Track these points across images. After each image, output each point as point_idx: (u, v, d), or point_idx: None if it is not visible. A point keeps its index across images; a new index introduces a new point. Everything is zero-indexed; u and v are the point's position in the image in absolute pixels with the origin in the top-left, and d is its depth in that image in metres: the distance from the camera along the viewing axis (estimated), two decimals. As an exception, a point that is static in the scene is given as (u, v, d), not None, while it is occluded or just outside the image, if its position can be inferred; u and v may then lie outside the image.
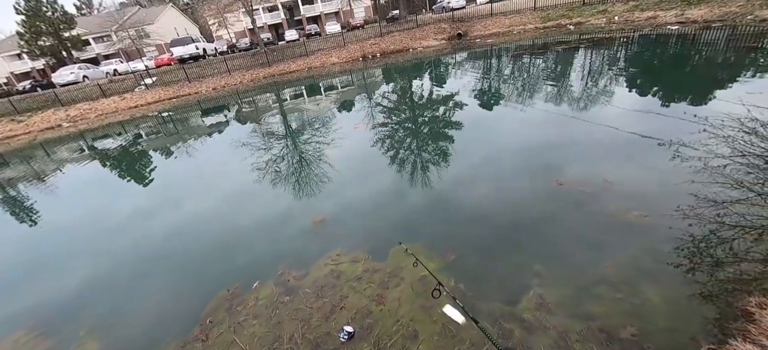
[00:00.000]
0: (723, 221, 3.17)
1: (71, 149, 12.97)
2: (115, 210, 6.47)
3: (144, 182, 8.01)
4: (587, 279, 2.84)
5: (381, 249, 3.70)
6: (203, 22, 47.57)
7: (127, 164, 9.77)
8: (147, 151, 10.65)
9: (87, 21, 43.04)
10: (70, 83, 24.78)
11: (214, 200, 5.95)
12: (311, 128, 9.59)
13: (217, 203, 5.84)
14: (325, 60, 23.89)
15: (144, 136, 12.93)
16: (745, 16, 10.71)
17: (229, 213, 5.38)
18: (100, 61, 35.86)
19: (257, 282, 3.58)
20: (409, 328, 2.71)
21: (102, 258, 4.82)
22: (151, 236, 5.17)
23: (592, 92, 7.98)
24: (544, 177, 4.52)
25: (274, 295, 3.35)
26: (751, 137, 4.47)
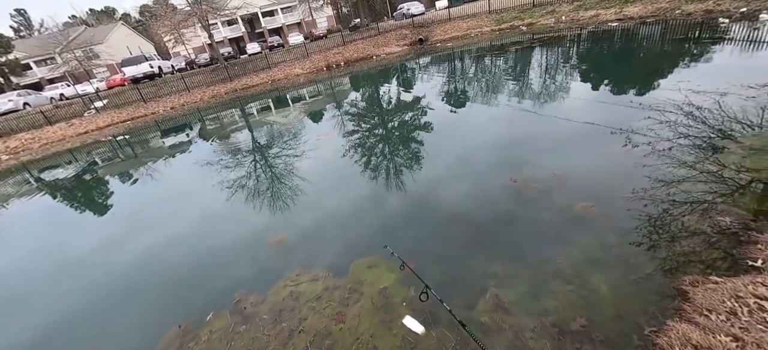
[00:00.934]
0: (673, 200, 3.37)
1: (15, 184, 11.82)
2: (68, 246, 5.93)
3: (100, 212, 7.41)
4: (541, 276, 2.90)
5: (341, 264, 3.61)
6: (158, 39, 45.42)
7: (82, 195, 9.02)
8: (102, 179, 9.90)
9: (26, 44, 39.88)
10: (9, 112, 22.70)
11: (175, 227, 5.60)
12: (280, 141, 9.35)
13: (178, 229, 5.50)
14: (288, 72, 23.53)
15: (99, 163, 12.02)
16: (674, 11, 11.72)
17: (188, 240, 5.07)
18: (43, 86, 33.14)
19: (211, 314, 3.37)
20: (369, 345, 2.64)
21: (50, 300, 4.37)
22: (106, 272, 4.74)
23: (550, 88, 8.36)
24: (502, 176, 4.64)
25: (230, 326, 3.17)
26: (688, 119, 4.85)
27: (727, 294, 2.21)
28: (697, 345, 1.96)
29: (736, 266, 2.51)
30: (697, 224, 3.01)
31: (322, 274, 3.52)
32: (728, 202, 3.15)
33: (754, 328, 1.94)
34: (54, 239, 6.42)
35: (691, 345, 1.97)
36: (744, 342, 1.87)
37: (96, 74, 38.33)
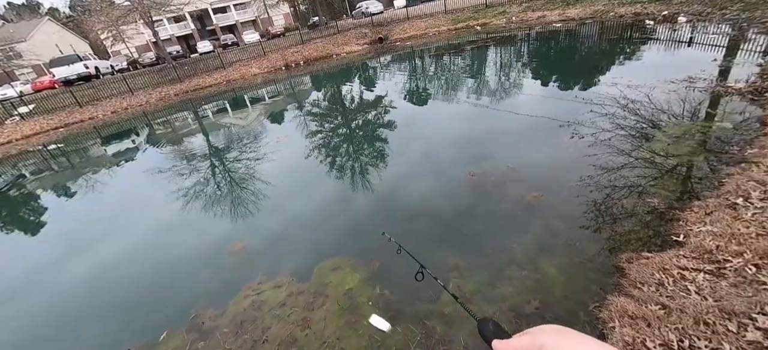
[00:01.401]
0: (614, 185, 3.69)
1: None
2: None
3: (32, 232, 6.59)
4: (498, 264, 3.05)
5: (305, 269, 3.53)
6: (94, 36, 41.23)
7: (7, 214, 7.93)
8: (33, 194, 8.80)
9: (-75, 42, 34.32)
10: None
11: (124, 242, 5.12)
12: (239, 144, 8.94)
13: (127, 244, 5.03)
14: (244, 71, 22.52)
15: (27, 176, 10.66)
16: (608, 13, 12.86)
17: (140, 255, 4.67)
18: (-50, 91, 28.66)
19: (165, 333, 3.14)
20: (336, 348, 2.62)
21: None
22: (45, 297, 4.23)
23: (506, 85, 8.82)
24: (462, 171, 4.80)
25: (186, 344, 2.97)
26: (624, 111, 5.35)
27: (656, 267, 2.47)
28: (632, 315, 2.18)
29: (663, 241, 2.82)
30: (633, 206, 3.33)
31: (285, 280, 3.42)
32: (658, 185, 3.53)
33: (677, 295, 2.20)
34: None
35: (628, 316, 2.19)
36: (670, 309, 2.11)
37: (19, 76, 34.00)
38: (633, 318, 2.16)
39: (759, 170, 3.14)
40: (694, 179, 3.47)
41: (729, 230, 2.53)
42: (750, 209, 2.70)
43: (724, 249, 2.39)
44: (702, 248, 2.48)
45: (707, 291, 2.16)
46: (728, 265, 2.28)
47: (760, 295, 2.00)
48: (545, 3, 16.73)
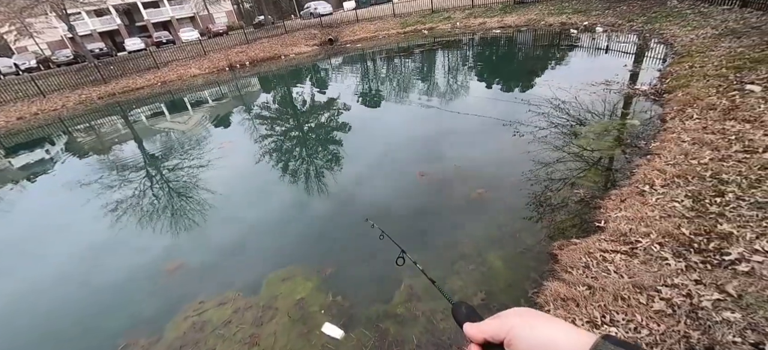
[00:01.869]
0: (551, 178, 4.03)
1: None
2: None
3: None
4: (448, 260, 3.17)
5: (253, 282, 3.35)
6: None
7: None
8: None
9: None
10: None
11: (43, 266, 4.43)
12: (179, 150, 8.23)
13: (44, 272, 4.33)
14: (182, 72, 20.80)
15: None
16: (539, 22, 14.10)
17: (60, 283, 4.06)
18: None
19: (88, 369, 2.77)
20: (288, 362, 2.51)
21: None
22: None
23: (454, 87, 9.24)
24: (413, 171, 4.91)
25: (114, 378, 2.65)
26: (557, 111, 5.88)
27: (582, 252, 2.74)
28: (564, 297, 2.39)
29: (588, 227, 3.14)
30: (564, 198, 3.67)
31: (231, 296, 3.21)
32: (585, 177, 3.92)
33: (600, 276, 2.46)
34: None
35: (560, 299, 2.40)
36: (594, 288, 2.35)
37: None
38: (564, 300, 2.37)
39: (660, 160, 3.65)
40: (613, 170, 3.93)
41: (638, 215, 2.90)
42: (654, 195, 3.12)
43: (636, 231, 2.73)
44: (618, 231, 2.81)
45: (623, 269, 2.44)
46: (639, 245, 2.61)
47: (662, 269, 2.31)
48: (485, 10, 17.84)
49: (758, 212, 2.52)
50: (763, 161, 3.06)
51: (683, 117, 4.43)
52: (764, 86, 4.44)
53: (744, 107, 4.13)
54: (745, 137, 3.55)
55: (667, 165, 3.51)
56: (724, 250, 2.29)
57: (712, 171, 3.15)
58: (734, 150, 3.39)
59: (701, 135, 3.83)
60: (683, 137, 3.95)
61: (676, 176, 3.26)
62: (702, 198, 2.85)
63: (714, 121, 4.06)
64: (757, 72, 4.87)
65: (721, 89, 4.77)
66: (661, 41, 8.55)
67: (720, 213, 2.62)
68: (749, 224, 2.45)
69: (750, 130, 3.65)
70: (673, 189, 3.11)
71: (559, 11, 14.18)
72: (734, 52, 5.93)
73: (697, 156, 3.47)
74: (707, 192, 2.89)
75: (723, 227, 2.48)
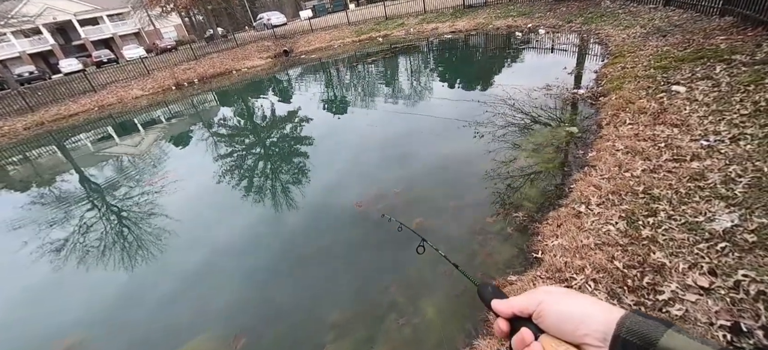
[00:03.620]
0: (491, 201, 3.81)
1: None
2: None
3: None
4: (378, 313, 2.80)
5: (153, 362, 2.80)
6: None
7: None
8: None
9: None
10: None
11: None
12: (129, 177, 7.55)
13: None
14: (123, 94, 19.18)
15: None
16: (488, 26, 14.36)
17: None
18: None
19: None
20: None
21: None
22: None
23: (417, 90, 9.24)
24: (348, 200, 4.52)
25: None
26: (512, 110, 5.90)
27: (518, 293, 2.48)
28: None
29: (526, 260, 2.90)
30: (506, 223, 3.43)
31: (119, 388, 2.64)
32: (525, 196, 3.73)
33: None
34: None
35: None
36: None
37: None
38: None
39: (596, 174, 3.52)
40: (552, 187, 3.77)
41: (574, 244, 2.69)
42: (590, 217, 2.95)
43: (571, 265, 2.51)
44: (554, 266, 2.58)
45: (557, 315, 2.19)
46: (574, 282, 2.38)
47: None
48: (437, 16, 18.00)
49: (689, 235, 2.38)
50: (691, 172, 2.98)
51: (617, 123, 4.39)
52: (688, 86, 4.52)
53: (672, 110, 4.15)
54: (673, 143, 3.50)
55: (602, 179, 3.38)
56: (658, 287, 2.10)
57: (644, 185, 3.03)
58: (664, 159, 3.31)
59: (634, 143, 3.77)
60: (617, 145, 3.88)
61: (611, 193, 3.12)
62: (635, 220, 2.69)
63: (645, 126, 4.04)
64: (681, 72, 4.99)
65: (651, 90, 4.83)
66: (598, 41, 8.83)
67: (652, 238, 2.46)
68: (681, 250, 2.29)
69: (678, 135, 3.63)
70: (608, 209, 2.95)
71: (505, 14, 14.53)
72: (661, 51, 6.13)
73: (630, 168, 3.37)
74: (640, 211, 2.75)
75: (656, 257, 2.30)
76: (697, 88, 4.38)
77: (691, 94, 4.32)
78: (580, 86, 6.32)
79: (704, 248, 2.24)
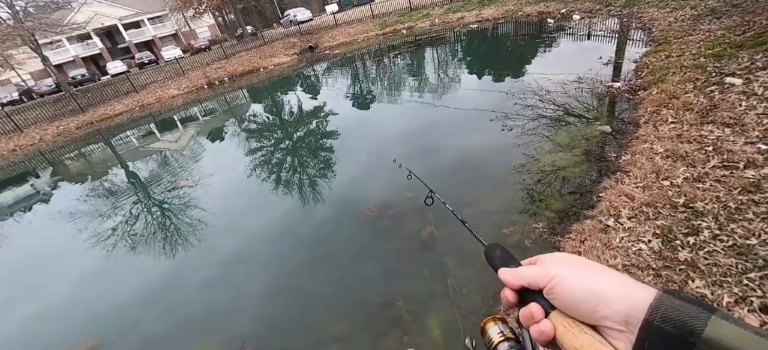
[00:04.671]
0: (510, 208, 3.58)
1: None
2: None
3: None
4: (381, 327, 2.69)
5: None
6: (-30, 65, 34.68)
7: None
8: None
9: None
10: None
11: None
12: (169, 171, 8.05)
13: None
14: (161, 94, 20.32)
15: None
16: (517, 13, 13.57)
17: None
18: None
19: None
20: None
21: None
22: None
23: (445, 81, 8.98)
24: (363, 201, 4.42)
25: None
26: (542, 103, 5.58)
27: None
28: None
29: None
30: (524, 234, 3.18)
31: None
32: (547, 205, 3.44)
33: None
34: None
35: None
36: None
37: None
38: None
39: (629, 181, 3.16)
40: (577, 195, 3.44)
41: (598, 264, 2.42)
42: (619, 232, 2.64)
43: (593, 289, 2.26)
44: (573, 289, 2.33)
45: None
46: (595, 310, 2.13)
47: None
48: (463, 5, 17.31)
49: (738, 261, 2.04)
50: (744, 182, 2.58)
51: (657, 121, 3.94)
52: (746, 78, 3.95)
53: (724, 107, 3.64)
54: (724, 146, 3.06)
55: (636, 188, 3.03)
56: (694, 324, 1.82)
57: (685, 197, 2.67)
58: (712, 165, 2.90)
59: (676, 145, 3.35)
60: (656, 147, 3.47)
61: (646, 205, 2.78)
62: (672, 238, 2.37)
63: (690, 125, 3.57)
64: (738, 60, 4.38)
65: (699, 83, 4.28)
66: (640, 26, 8.03)
67: (692, 262, 2.14)
68: (727, 279, 1.97)
69: (730, 136, 3.17)
70: (641, 224, 2.62)
71: (536, 0, 13.65)
72: (714, 36, 5.43)
73: (670, 175, 2.99)
74: (679, 229, 2.41)
75: (695, 285, 2.00)
76: (757, 80, 3.81)
77: (748, 87, 3.76)
78: (617, 78, 5.77)
79: (756, 279, 1.91)
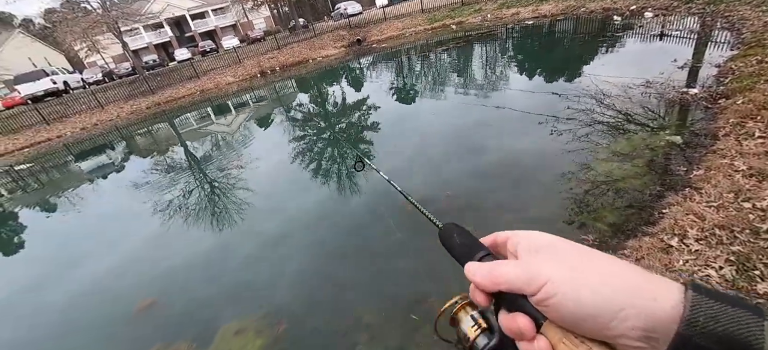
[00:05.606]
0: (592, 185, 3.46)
1: None
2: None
3: (11, 252, 6.48)
4: (413, 320, 2.70)
5: (211, 329, 3.14)
6: (67, 48, 40.07)
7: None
8: (8, 214, 8.47)
9: None
10: None
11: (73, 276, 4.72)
12: (220, 152, 8.77)
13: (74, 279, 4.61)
14: (219, 80, 21.90)
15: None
16: (579, 9, 12.60)
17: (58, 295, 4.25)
18: None
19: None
20: None
21: None
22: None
23: (491, 80, 8.70)
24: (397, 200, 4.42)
25: None
26: (601, 107, 5.22)
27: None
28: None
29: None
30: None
31: (183, 347, 3.03)
32: (599, 217, 3.20)
33: None
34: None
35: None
36: None
37: (-11, 93, 32.82)
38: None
39: (701, 199, 2.83)
40: (636, 209, 3.15)
41: (655, 286, 2.20)
42: (684, 254, 2.38)
43: (647, 312, 2.06)
44: (624, 309, 2.15)
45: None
46: (648, 335, 1.95)
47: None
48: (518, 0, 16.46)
49: (835, 303, 1.75)
50: None
51: (741, 134, 3.47)
52: None
53: (830, 122, 3.11)
54: (827, 169, 2.62)
55: (708, 207, 2.70)
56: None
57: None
58: (809, 190, 2.50)
59: (763, 163, 2.92)
60: (737, 164, 3.06)
61: (719, 227, 2.47)
62: (750, 268, 2.09)
63: (784, 142, 3.10)
64: None
65: (800, 94, 3.69)
66: (727, 26, 7.07)
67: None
68: (819, 322, 1.69)
69: (837, 158, 2.70)
70: (712, 248, 2.34)
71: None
72: (824, 41, 4.63)
73: (753, 196, 2.63)
74: (759, 258, 2.12)
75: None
76: None
77: None
78: (693, 84, 5.15)
79: None
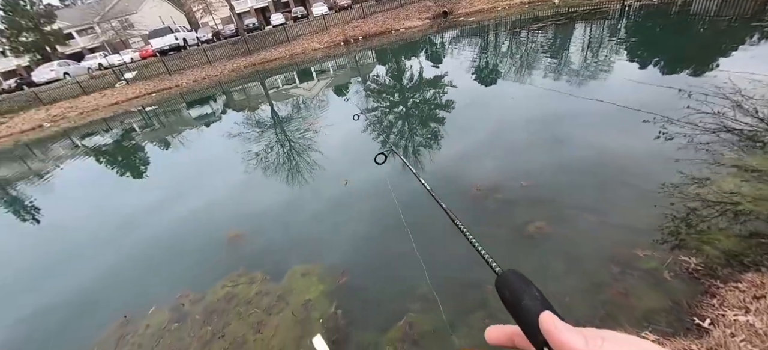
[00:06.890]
0: (651, 223, 2.99)
1: (61, 148, 13.01)
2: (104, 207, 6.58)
3: (137, 175, 8.31)
4: (465, 303, 2.68)
5: (283, 267, 3.56)
6: (187, 8, 46.35)
7: (123, 159, 9.92)
8: (138, 146, 10.74)
9: (69, 13, 42.17)
10: (51, 81, 24.49)
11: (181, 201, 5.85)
12: (300, 114, 9.60)
13: (178, 206, 5.70)
14: (306, 46, 23.27)
15: (137, 130, 13.01)
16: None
17: (174, 220, 5.27)
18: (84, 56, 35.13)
19: (154, 307, 3.49)
20: (276, 362, 2.61)
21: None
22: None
23: (591, 67, 7.70)
24: (471, 178, 4.31)
25: (164, 322, 3.26)
26: (735, 110, 4.30)
27: None
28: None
29: (681, 322, 2.16)
30: (663, 261, 2.61)
31: (260, 277, 3.51)
32: (710, 238, 2.71)
33: None
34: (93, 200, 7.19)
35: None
36: None
37: (132, 44, 40.14)
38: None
39: None
40: (759, 237, 2.57)
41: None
42: (827, 303, 1.90)
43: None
44: (724, 346, 1.83)
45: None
46: (754, 384, 1.64)
47: None
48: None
49: None
50: None
51: None
52: None
53: None
54: None
55: None
56: None
57: None
58: None
59: None
60: None
61: None
62: None
63: None
64: None
65: None
66: None
67: None
68: None
69: None
70: None
71: (767, -33, 9.77)
72: None
73: None
74: None
75: None
76: None
77: None
78: None
79: None
